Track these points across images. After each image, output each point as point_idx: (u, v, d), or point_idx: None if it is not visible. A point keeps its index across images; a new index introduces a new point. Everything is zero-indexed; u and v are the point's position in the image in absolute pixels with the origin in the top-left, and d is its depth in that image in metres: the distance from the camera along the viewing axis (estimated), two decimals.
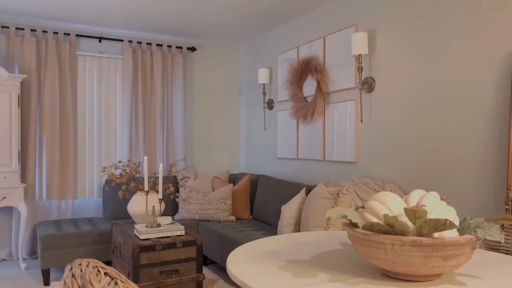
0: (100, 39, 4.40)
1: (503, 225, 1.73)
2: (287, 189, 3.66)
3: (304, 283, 1.13)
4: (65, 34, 4.23)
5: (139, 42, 4.56)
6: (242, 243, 3.15)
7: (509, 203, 2.20)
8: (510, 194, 2.20)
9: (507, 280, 1.16)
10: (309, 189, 3.39)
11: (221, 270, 3.75)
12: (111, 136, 4.51)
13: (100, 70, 4.46)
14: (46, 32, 4.15)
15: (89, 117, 4.42)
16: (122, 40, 4.48)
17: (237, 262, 1.34)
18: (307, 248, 1.51)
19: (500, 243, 1.72)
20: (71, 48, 4.23)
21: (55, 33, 4.20)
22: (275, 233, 3.41)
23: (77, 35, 4.29)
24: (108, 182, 4.15)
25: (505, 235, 1.73)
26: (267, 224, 3.83)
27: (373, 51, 3.18)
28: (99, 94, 4.46)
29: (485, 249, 1.72)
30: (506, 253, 1.71)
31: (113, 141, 4.52)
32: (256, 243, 1.59)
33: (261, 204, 3.98)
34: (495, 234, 1.08)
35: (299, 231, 2.97)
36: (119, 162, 3.46)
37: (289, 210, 2.99)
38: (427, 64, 2.76)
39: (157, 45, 4.66)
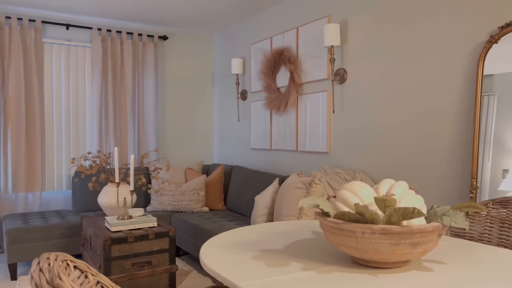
0: (67, 26, 4.26)
1: (468, 212, 1.80)
2: (260, 180, 3.68)
3: (277, 272, 1.14)
4: (30, 20, 4.06)
5: (108, 30, 4.44)
6: (216, 234, 3.16)
7: (473, 191, 2.29)
8: (474, 183, 2.28)
9: (471, 266, 1.21)
10: (282, 179, 3.42)
11: (195, 261, 3.75)
12: (80, 126, 4.40)
13: (68, 59, 4.32)
14: (9, 18, 3.98)
15: (57, 106, 4.29)
16: (90, 28, 4.35)
17: (210, 252, 1.34)
18: (280, 238, 1.53)
19: (465, 230, 1.79)
20: (37, 35, 4.08)
21: (19, 19, 4.03)
22: (249, 223, 3.43)
23: (43, 22, 4.13)
24: (77, 173, 4.05)
25: (469, 222, 1.80)
26: (240, 215, 3.85)
27: (345, 42, 3.21)
28: (67, 83, 4.32)
29: (450, 236, 1.78)
30: (470, 240, 1.78)
31: (82, 131, 4.41)
32: (229, 233, 1.60)
33: (234, 195, 3.99)
34: (460, 221, 1.12)
35: (272, 220, 2.99)
36: (89, 153, 3.38)
37: (262, 200, 3.01)
38: (398, 56, 2.82)
39: (128, 33, 4.56)
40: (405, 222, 1.12)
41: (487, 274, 1.13)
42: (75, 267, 0.79)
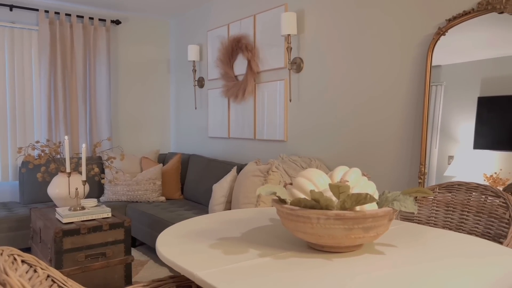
0: (11, 7, 3.99)
1: (416, 197, 1.89)
2: (218, 168, 3.67)
3: (234, 260, 1.15)
4: None
5: (57, 13, 4.22)
6: (173, 223, 3.12)
7: (422, 177, 2.40)
8: (423, 169, 2.40)
9: (419, 248, 1.28)
10: (240, 168, 3.42)
11: (151, 251, 3.70)
12: (27, 114, 4.17)
13: (12, 42, 4.06)
14: None
15: (1, 93, 4.03)
16: (37, 10, 4.11)
17: (167, 242, 1.32)
18: (238, 225, 1.53)
19: (413, 213, 1.88)
20: None
21: None
22: (207, 212, 3.42)
23: None
24: (24, 163, 3.85)
25: (417, 206, 1.89)
26: (198, 204, 3.83)
27: (302, 31, 3.24)
28: (12, 69, 4.07)
29: (400, 220, 1.86)
30: (418, 223, 1.87)
31: (29, 119, 4.18)
32: (186, 222, 1.58)
33: (192, 184, 3.95)
34: (410, 206, 1.17)
35: (230, 209, 3.00)
36: (37, 142, 3.21)
37: (220, 189, 3.01)
38: (352, 47, 2.88)
39: (78, 16, 4.34)
40: (358, 208, 1.16)
41: (433, 255, 1.20)
42: (22, 261, 0.76)
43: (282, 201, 1.24)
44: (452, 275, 1.04)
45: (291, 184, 1.29)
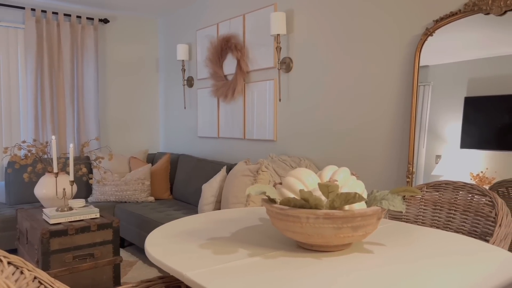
0: None
1: (404, 196, 1.91)
2: (208, 168, 3.66)
3: (224, 260, 1.15)
4: None
5: (43, 11, 4.16)
6: (162, 224, 3.11)
7: (410, 176, 2.42)
8: (411, 168, 2.42)
9: (407, 246, 1.29)
10: (229, 167, 3.42)
11: (140, 251, 3.67)
12: (13, 113, 4.11)
13: None
14: None
15: None
16: (23, 8, 4.05)
17: (156, 243, 1.32)
18: (227, 225, 1.53)
19: (402, 212, 1.90)
20: None
21: None
22: (196, 212, 3.41)
23: None
24: (11, 163, 3.80)
25: (405, 205, 1.90)
26: (187, 204, 3.81)
27: (291, 31, 3.25)
28: None
29: (389, 219, 1.88)
30: (406, 222, 1.89)
31: (15, 119, 4.12)
32: (175, 223, 1.57)
33: (181, 184, 3.94)
34: (398, 205, 1.18)
35: (219, 209, 3.00)
36: (23, 142, 3.17)
37: (209, 189, 3.00)
38: (341, 47, 2.89)
39: (65, 15, 4.29)
40: (347, 207, 1.17)
41: (421, 253, 1.21)
42: (9, 263, 0.74)
43: (271, 201, 1.24)
44: (440, 273, 1.05)
45: (280, 183, 1.29)
